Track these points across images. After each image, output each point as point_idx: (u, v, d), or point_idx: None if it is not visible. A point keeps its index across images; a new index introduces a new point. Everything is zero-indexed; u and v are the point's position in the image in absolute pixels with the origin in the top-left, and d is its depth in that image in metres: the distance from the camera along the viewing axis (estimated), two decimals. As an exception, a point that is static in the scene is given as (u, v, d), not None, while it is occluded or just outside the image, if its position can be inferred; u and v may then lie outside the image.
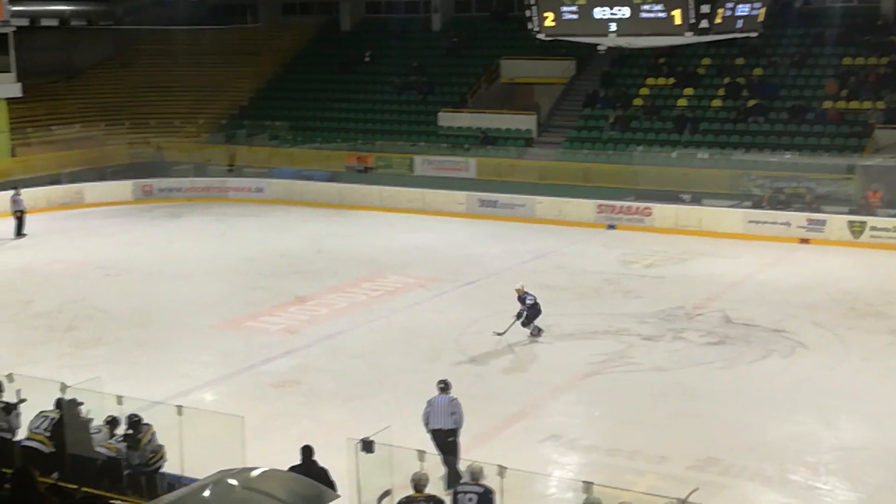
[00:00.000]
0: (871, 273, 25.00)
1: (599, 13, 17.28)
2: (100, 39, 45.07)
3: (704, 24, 16.52)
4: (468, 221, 31.91)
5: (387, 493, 10.92)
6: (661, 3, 16.72)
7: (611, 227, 30.57)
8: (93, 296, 23.38)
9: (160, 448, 12.44)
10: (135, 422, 12.50)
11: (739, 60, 35.19)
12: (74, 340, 20.10)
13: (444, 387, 13.65)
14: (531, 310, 19.43)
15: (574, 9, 17.42)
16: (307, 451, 11.33)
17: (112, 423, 12.81)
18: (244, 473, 8.89)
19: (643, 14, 16.97)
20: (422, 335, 19.90)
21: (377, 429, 11.35)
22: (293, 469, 10.60)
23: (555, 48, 29.94)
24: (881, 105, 31.64)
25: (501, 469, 10.48)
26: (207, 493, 8.54)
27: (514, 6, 39.08)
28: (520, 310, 19.39)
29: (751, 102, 33.52)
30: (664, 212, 30.16)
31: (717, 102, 34.27)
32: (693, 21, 16.49)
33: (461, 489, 10.63)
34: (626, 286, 23.94)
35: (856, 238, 27.69)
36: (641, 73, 36.45)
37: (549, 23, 17.92)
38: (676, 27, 16.76)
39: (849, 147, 30.87)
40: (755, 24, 17.85)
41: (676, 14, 16.60)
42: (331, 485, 10.47)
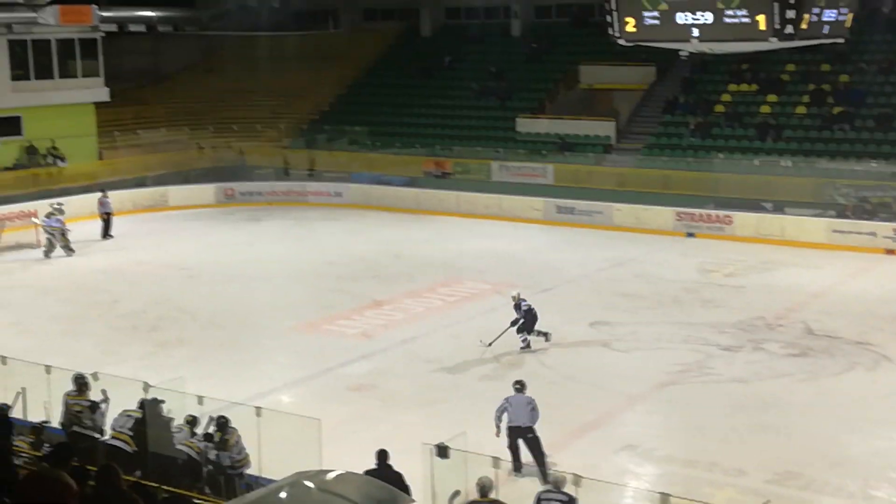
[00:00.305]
0: (962, 285, 24.29)
1: (682, 18, 17.14)
2: (185, 45, 45.99)
3: (790, 30, 16.27)
4: (545, 228, 31.81)
5: (457, 493, 10.95)
6: (746, 9, 16.51)
7: (690, 236, 30.19)
8: (176, 297, 23.86)
9: (247, 455, 12.63)
10: (222, 423, 12.71)
11: (825, 67, 34.46)
12: (158, 340, 20.54)
13: (521, 387, 14.15)
14: (527, 315, 19.32)
15: (656, 14, 17.30)
16: (382, 456, 11.42)
17: (192, 423, 13.05)
18: (320, 476, 8.99)
19: (727, 19, 16.79)
20: (497, 341, 19.88)
21: (451, 434, 11.40)
22: (369, 473, 10.69)
23: (635, 54, 29.64)
24: (973, 112, 30.73)
25: (577, 478, 10.44)
26: (284, 495, 8.65)
27: (595, 12, 38.81)
28: (515, 317, 19.28)
29: (836, 109, 32.81)
30: (745, 220, 29.67)
31: (802, 109, 33.60)
32: (778, 26, 16.25)
33: (544, 497, 10.61)
34: (705, 295, 23.61)
35: (945, 249, 26.93)
36: (723, 80, 35.93)
37: (630, 28, 17.83)
38: (761, 32, 16.54)
39: (938, 156, 30.04)
40: (842, 30, 17.52)
41: (761, 19, 16.38)
42: (405, 489, 10.54)
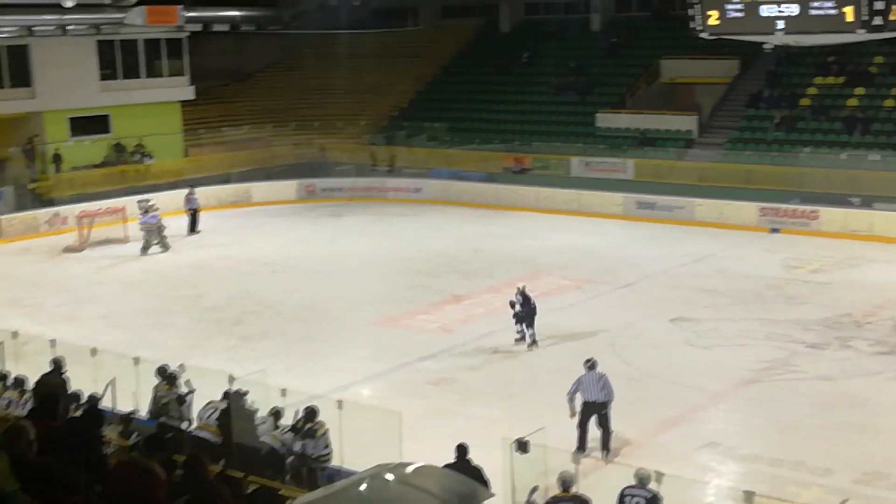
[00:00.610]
0: None
1: (766, 11, 16.89)
2: (268, 44, 46.66)
3: (878, 21, 15.92)
4: (625, 223, 31.52)
5: (535, 489, 10.94)
6: (832, 0, 16.18)
7: (774, 231, 29.63)
8: (259, 291, 24.25)
9: (332, 452, 12.80)
10: (311, 412, 12.89)
11: (916, 58, 33.56)
12: (241, 334, 20.91)
13: (592, 365, 14.59)
14: (525, 306, 19.29)
15: (740, 6, 17.07)
16: (462, 450, 11.45)
17: (276, 415, 13.26)
18: (400, 468, 9.05)
19: (813, 11, 16.50)
20: (576, 337, 19.79)
21: (529, 428, 11.39)
22: (448, 467, 10.73)
23: (717, 47, 29.15)
24: None
25: (658, 475, 10.35)
26: (364, 487, 8.74)
27: (676, 5, 38.28)
28: (518, 310, 19.29)
29: (927, 102, 31.92)
30: (832, 215, 29.03)
31: (891, 102, 32.72)
32: (866, 18, 15.91)
33: (629, 492, 10.56)
34: (790, 292, 23.17)
35: None
36: (809, 72, 35.18)
37: (713, 21, 17.63)
38: (848, 24, 16.22)
39: None
40: (933, 20, 17.03)
41: (848, 11, 16.06)
42: (485, 483, 10.55)
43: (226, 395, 13.44)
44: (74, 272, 26.81)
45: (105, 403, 13.96)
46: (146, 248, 28.42)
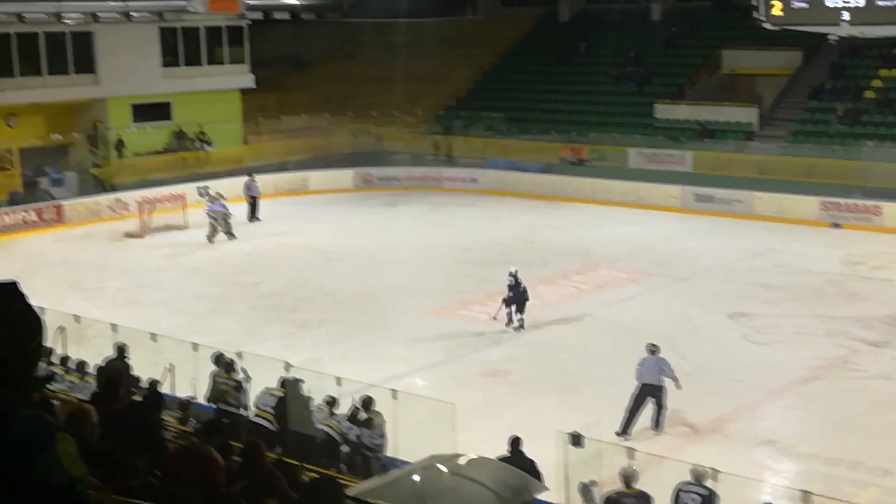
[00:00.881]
0: None
1: (832, 2, 16.62)
2: (327, 32, 46.87)
3: (947, 13, 15.56)
4: (682, 216, 31.23)
5: (594, 483, 10.93)
6: (900, -9, 15.87)
7: (835, 226, 29.15)
8: (315, 279, 24.44)
9: (386, 442, 12.90)
10: (367, 402, 13.02)
11: None
12: (297, 321, 21.11)
13: (653, 349, 15.10)
14: (515, 290, 19.53)
15: (804, -2, 16.80)
16: (516, 442, 11.46)
17: (332, 404, 13.38)
18: (453, 460, 9.12)
19: (879, 2, 16.20)
20: (631, 331, 19.66)
21: (583, 421, 11.39)
22: (502, 460, 10.76)
23: (780, 38, 28.79)
24: None
25: (714, 472, 10.29)
26: (417, 477, 8.82)
27: (738, -6, 37.82)
28: (510, 294, 19.56)
29: None
30: (895, 211, 28.48)
31: (959, 95, 32.02)
32: (935, 10, 15.56)
33: (684, 488, 10.51)
34: (851, 288, 22.80)
35: None
36: (874, 64, 34.49)
37: (777, 12, 17.40)
38: (916, 16, 15.87)
39: None
40: None
41: (916, 2, 15.72)
42: (538, 476, 10.57)
43: (283, 383, 13.58)
44: (136, 257, 27.23)
45: (164, 389, 14.20)
46: (212, 236, 28.60)
